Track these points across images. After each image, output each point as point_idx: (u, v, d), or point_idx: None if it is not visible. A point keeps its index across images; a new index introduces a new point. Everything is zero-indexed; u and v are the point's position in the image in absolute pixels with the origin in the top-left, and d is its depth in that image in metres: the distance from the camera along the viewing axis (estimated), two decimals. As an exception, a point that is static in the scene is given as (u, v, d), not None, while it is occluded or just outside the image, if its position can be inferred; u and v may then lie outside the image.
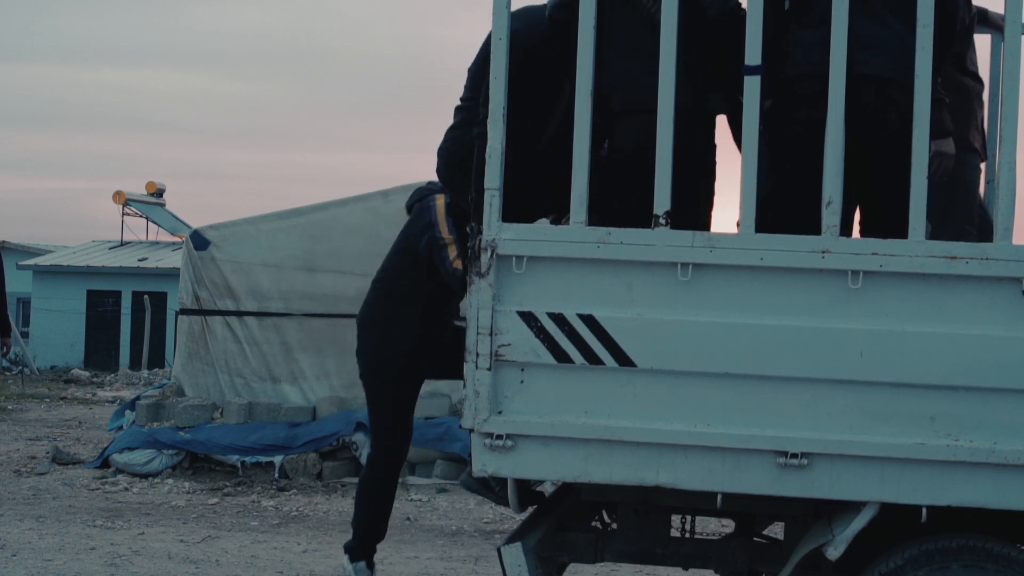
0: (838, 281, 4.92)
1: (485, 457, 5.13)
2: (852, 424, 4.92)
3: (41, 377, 31.96)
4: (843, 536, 4.94)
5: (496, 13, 5.10)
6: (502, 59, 5.09)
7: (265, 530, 11.24)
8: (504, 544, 5.37)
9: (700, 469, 5.01)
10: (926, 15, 4.92)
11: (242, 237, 14.83)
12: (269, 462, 13.78)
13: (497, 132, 5.08)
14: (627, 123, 5.57)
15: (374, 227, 14.58)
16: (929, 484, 4.89)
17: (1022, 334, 4.83)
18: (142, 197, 41.88)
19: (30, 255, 43.67)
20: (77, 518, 11.52)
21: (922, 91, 4.93)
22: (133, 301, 36.98)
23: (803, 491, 4.97)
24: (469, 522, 11.89)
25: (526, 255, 5.07)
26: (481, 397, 5.08)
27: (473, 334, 5.08)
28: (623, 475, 5.07)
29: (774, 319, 4.95)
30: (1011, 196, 4.90)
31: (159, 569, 9.46)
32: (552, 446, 5.09)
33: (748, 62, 5.01)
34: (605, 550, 5.80)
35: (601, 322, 5.02)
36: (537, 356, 5.06)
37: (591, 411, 5.06)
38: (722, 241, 4.99)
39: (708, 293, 4.99)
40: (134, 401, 15.09)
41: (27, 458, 15.23)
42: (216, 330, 14.81)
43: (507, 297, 5.09)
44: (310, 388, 14.60)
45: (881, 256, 4.88)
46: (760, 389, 4.97)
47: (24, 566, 9.39)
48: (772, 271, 4.96)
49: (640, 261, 5.02)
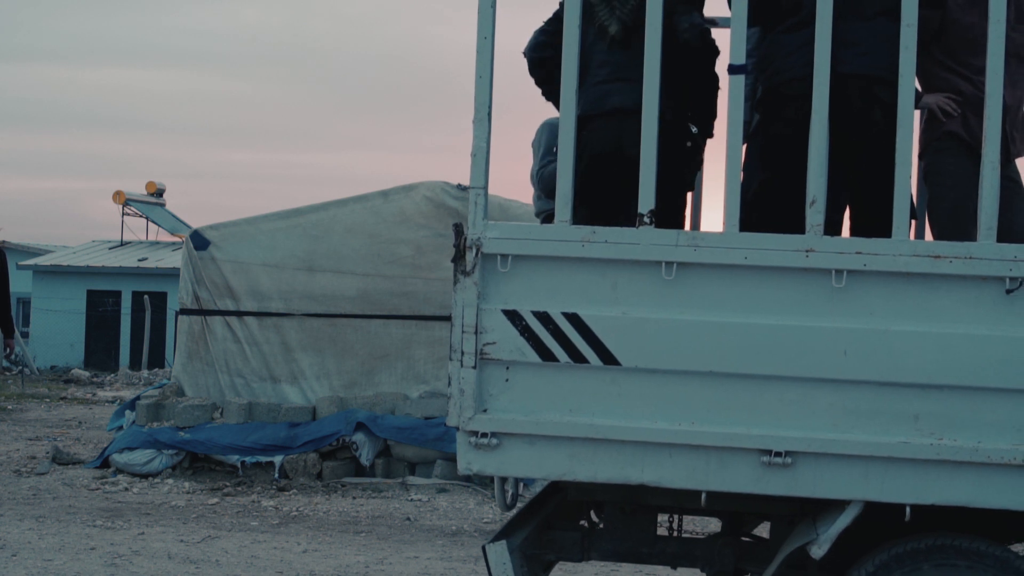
0: (822, 280, 4.93)
1: (470, 455, 5.14)
2: (836, 423, 4.92)
3: (41, 377, 32.02)
4: (827, 535, 4.94)
5: (481, 12, 5.12)
6: (487, 58, 5.10)
7: (265, 530, 11.26)
8: (489, 542, 5.38)
9: (684, 468, 5.01)
10: (910, 14, 4.93)
11: (242, 237, 14.85)
12: (269, 462, 13.81)
13: (482, 130, 5.09)
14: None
15: (374, 227, 14.63)
16: (913, 483, 4.89)
17: (1006, 333, 4.84)
18: (142, 197, 41.89)
19: (30, 255, 43.65)
20: (77, 518, 11.55)
21: (906, 90, 4.94)
22: (133, 301, 36.95)
23: (787, 490, 4.97)
24: (469, 522, 11.90)
25: (511, 254, 5.08)
26: (466, 395, 5.09)
27: (458, 332, 5.09)
28: (608, 473, 5.08)
29: (758, 318, 4.95)
30: (995, 195, 4.89)
31: (159, 569, 9.48)
32: (537, 444, 5.10)
33: (732, 61, 5.02)
34: (592, 549, 5.81)
35: (586, 321, 5.02)
36: (522, 354, 5.07)
37: (576, 409, 5.07)
38: (706, 240, 5.00)
39: (693, 292, 5.00)
40: (134, 401, 15.12)
41: (27, 458, 15.27)
42: (216, 330, 14.83)
43: (492, 295, 5.10)
44: (310, 388, 14.62)
45: (865, 255, 4.89)
46: (744, 388, 4.97)
47: (24, 566, 9.41)
48: (756, 270, 4.96)
49: (625, 260, 5.03)
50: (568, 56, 5.14)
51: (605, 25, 5.78)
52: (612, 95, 5.80)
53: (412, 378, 14.60)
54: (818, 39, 4.97)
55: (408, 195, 14.78)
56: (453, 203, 14.62)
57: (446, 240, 14.42)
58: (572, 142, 5.12)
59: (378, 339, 14.65)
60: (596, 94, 5.85)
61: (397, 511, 12.38)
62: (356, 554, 10.29)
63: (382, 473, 13.99)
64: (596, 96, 5.85)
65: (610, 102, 5.80)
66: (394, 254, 14.63)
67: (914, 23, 4.92)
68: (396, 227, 14.70)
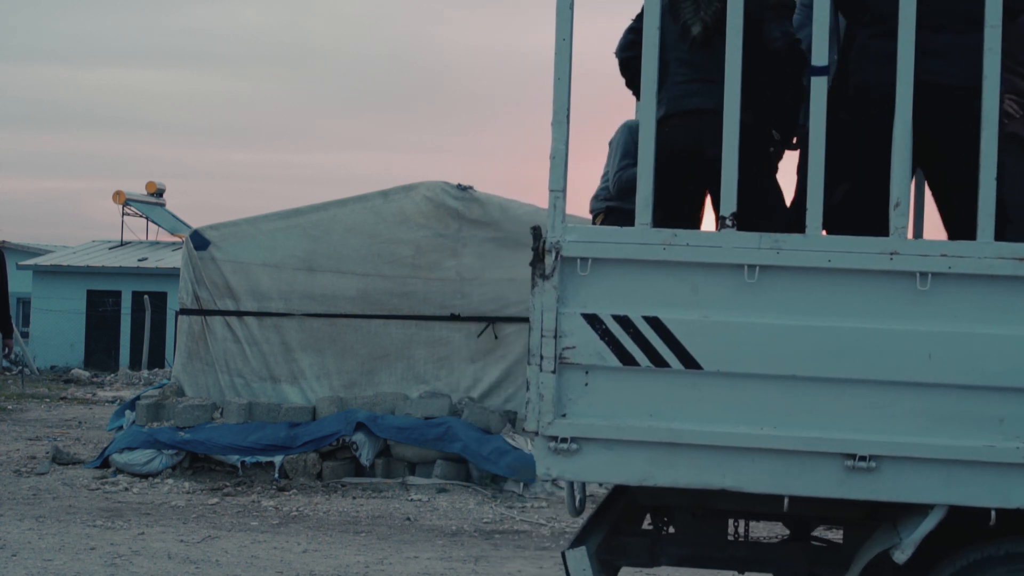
0: (906, 283, 4.89)
1: (549, 460, 5.07)
2: (920, 426, 4.88)
3: (41, 377, 31.96)
4: (911, 539, 4.90)
5: (559, 13, 5.07)
6: (565, 60, 5.05)
7: (265, 530, 11.26)
8: (568, 548, 5.34)
9: (767, 472, 4.97)
10: (994, 16, 4.91)
11: (242, 237, 14.83)
12: (269, 462, 13.81)
13: (561, 133, 5.04)
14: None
15: (374, 227, 14.63)
16: (997, 486, 4.85)
17: (1091, 335, 4.81)
18: (142, 197, 41.84)
19: (30, 255, 43.52)
20: (77, 518, 11.53)
21: (990, 90, 4.91)
22: (133, 301, 36.87)
23: (869, 494, 4.93)
24: (469, 522, 11.91)
25: (591, 257, 5.02)
26: (545, 400, 5.02)
27: (537, 336, 5.02)
28: (688, 478, 5.03)
29: (842, 321, 4.91)
30: None
31: (159, 569, 9.48)
32: (616, 449, 5.04)
33: (815, 63, 4.98)
34: (662, 554, 5.77)
35: (667, 324, 4.97)
36: (602, 358, 5.01)
37: (656, 414, 5.01)
38: (789, 243, 4.95)
39: (775, 295, 4.95)
40: (134, 401, 15.10)
41: (27, 458, 15.23)
42: (216, 330, 14.82)
43: (571, 299, 5.04)
44: (310, 388, 14.61)
45: (949, 258, 4.85)
46: (827, 392, 4.92)
47: (24, 566, 9.39)
48: (839, 273, 4.92)
49: (706, 263, 4.98)
50: (648, 61, 5.09)
51: (688, 24, 5.74)
52: (692, 96, 5.78)
53: (412, 378, 14.59)
54: (901, 46, 4.94)
55: (408, 195, 14.77)
56: (453, 203, 14.62)
57: (446, 240, 14.59)
58: (652, 144, 5.07)
59: (378, 339, 14.64)
60: (676, 93, 5.83)
61: (397, 511, 12.37)
62: (356, 554, 10.30)
63: (382, 473, 13.98)
64: (676, 95, 5.82)
65: (690, 102, 5.77)
66: (394, 254, 14.62)
67: (998, 24, 4.89)
68: (396, 227, 14.69)
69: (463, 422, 13.84)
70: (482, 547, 10.76)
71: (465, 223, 14.65)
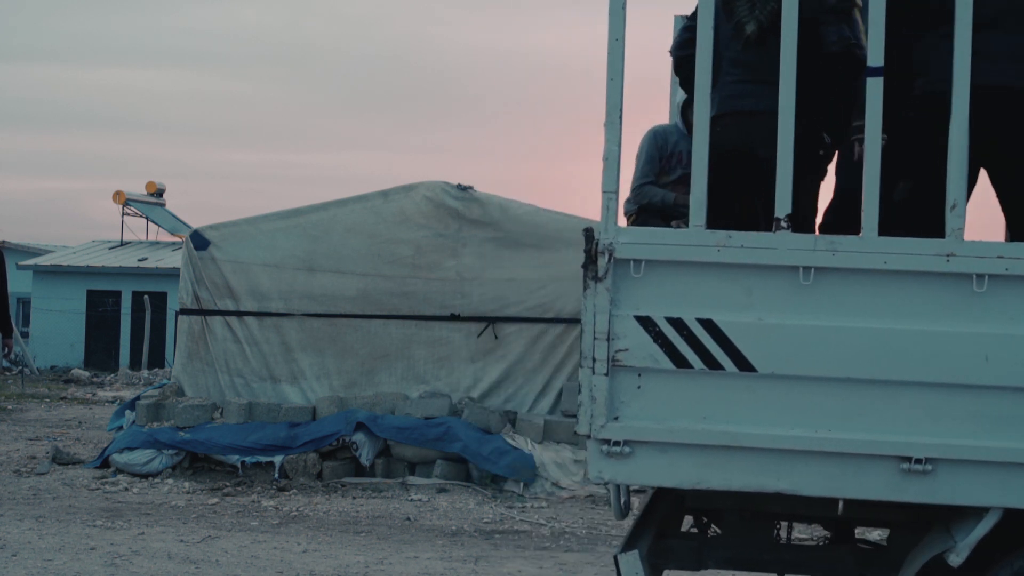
0: (962, 284, 4.86)
1: (601, 463, 5.03)
2: (976, 429, 4.86)
3: (41, 377, 31.89)
4: (966, 542, 4.89)
5: (612, 13, 5.02)
6: (618, 60, 5.01)
7: (265, 530, 11.24)
8: (620, 552, 5.30)
9: (821, 475, 4.93)
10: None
11: (242, 237, 14.81)
12: (269, 462, 13.79)
13: (614, 134, 5.00)
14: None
15: (374, 227, 14.62)
16: (1054, 489, 4.84)
17: None
18: (142, 197, 41.75)
19: (30, 255, 43.35)
20: (77, 518, 11.51)
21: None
22: (133, 301, 36.77)
23: (925, 497, 4.90)
24: (469, 522, 11.91)
25: (644, 259, 4.97)
26: (598, 403, 4.98)
27: (589, 339, 4.97)
28: (742, 481, 4.99)
29: (897, 323, 4.88)
30: None
31: (159, 569, 9.46)
32: (669, 452, 5.00)
33: (871, 63, 4.95)
34: (709, 557, 5.74)
35: (721, 327, 4.94)
36: (655, 361, 4.97)
37: (709, 417, 4.97)
38: (844, 244, 4.92)
39: (830, 297, 4.92)
40: (134, 401, 15.08)
41: (27, 458, 15.19)
42: (216, 330, 14.80)
43: (624, 302, 4.99)
44: (310, 388, 14.60)
45: (1006, 259, 4.83)
46: (883, 394, 4.89)
47: (24, 566, 9.36)
48: (895, 275, 4.89)
49: (761, 265, 4.95)
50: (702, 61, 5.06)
51: (743, 23, 5.70)
52: (745, 96, 5.75)
53: (412, 378, 14.59)
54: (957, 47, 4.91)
55: (408, 195, 14.76)
56: (453, 203, 14.61)
57: (446, 240, 14.58)
58: (707, 146, 5.03)
59: (378, 339, 14.63)
60: (728, 93, 5.79)
61: (397, 511, 12.36)
62: (356, 554, 10.29)
63: (382, 473, 13.96)
64: (728, 95, 5.79)
65: (742, 103, 5.74)
66: (394, 254, 14.61)
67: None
68: (396, 227, 14.68)
69: (463, 422, 13.83)
70: (482, 547, 10.76)
71: (465, 223, 14.65)
